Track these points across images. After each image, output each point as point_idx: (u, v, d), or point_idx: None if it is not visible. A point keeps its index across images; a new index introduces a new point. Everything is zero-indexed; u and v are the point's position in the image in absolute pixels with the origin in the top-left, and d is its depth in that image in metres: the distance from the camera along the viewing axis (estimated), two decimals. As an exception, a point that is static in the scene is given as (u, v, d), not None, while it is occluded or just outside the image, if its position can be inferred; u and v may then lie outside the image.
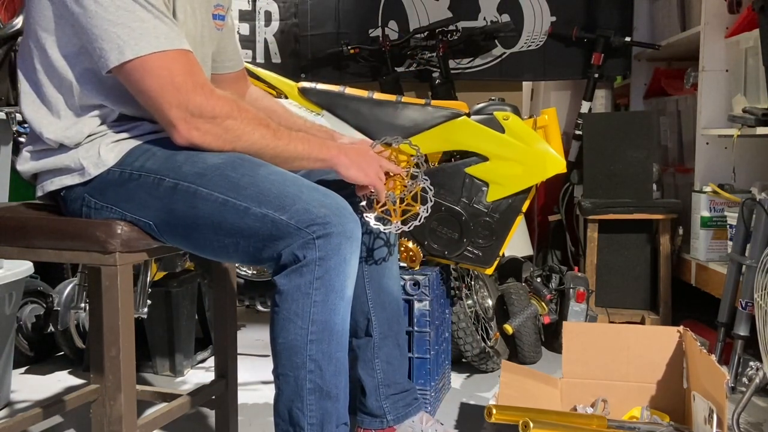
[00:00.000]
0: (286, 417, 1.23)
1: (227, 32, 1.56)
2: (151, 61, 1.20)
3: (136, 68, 1.21)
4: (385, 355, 1.62)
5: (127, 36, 1.19)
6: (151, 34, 1.20)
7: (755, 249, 1.95)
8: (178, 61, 1.22)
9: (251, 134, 1.27)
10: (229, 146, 1.27)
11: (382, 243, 1.59)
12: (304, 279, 1.19)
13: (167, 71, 1.21)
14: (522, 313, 2.30)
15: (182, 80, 1.22)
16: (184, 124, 1.23)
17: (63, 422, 1.97)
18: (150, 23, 1.21)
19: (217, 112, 1.24)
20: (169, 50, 1.22)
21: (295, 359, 1.21)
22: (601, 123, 2.87)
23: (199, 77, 1.25)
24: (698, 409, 1.59)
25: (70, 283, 2.29)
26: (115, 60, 1.20)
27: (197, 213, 1.24)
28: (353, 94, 2.06)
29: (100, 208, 1.31)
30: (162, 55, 1.21)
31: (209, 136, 1.25)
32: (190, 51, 1.26)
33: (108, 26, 1.19)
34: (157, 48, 1.20)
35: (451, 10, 3.36)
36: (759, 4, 2.11)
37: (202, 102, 1.23)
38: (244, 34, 3.49)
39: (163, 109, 1.23)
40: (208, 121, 1.24)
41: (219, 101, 1.24)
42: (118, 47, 1.20)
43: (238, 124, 1.26)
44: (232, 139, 1.26)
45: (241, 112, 1.26)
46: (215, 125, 1.24)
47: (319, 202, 1.20)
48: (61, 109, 1.30)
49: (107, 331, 1.25)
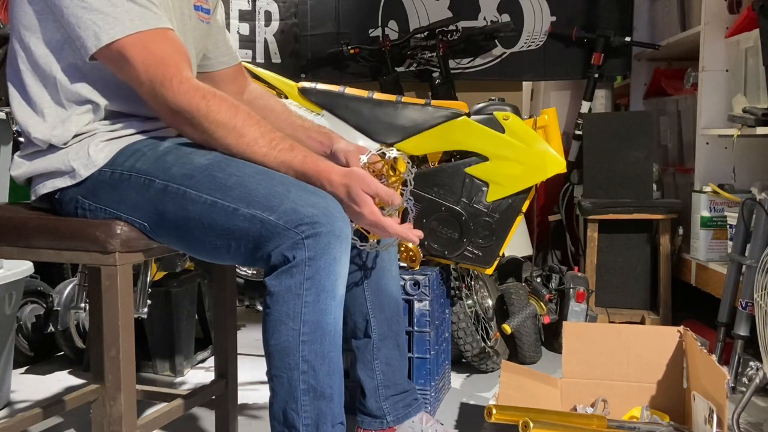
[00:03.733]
0: (281, 418, 1.23)
1: (216, 27, 1.55)
2: (127, 47, 1.21)
3: (114, 54, 1.22)
4: (385, 356, 1.61)
5: (102, 21, 1.21)
6: (125, 17, 1.21)
7: (755, 249, 1.95)
8: (152, 45, 1.23)
9: (223, 139, 1.25)
10: (203, 141, 1.26)
11: None
12: (294, 280, 1.18)
13: (141, 61, 1.22)
14: (520, 313, 2.30)
15: (153, 70, 1.21)
16: (163, 113, 1.25)
17: (63, 422, 1.97)
18: (123, 7, 1.22)
19: (183, 109, 1.22)
20: (144, 31, 1.22)
21: (287, 360, 1.21)
22: (601, 123, 2.87)
23: (170, 66, 1.23)
24: (698, 409, 1.59)
25: (70, 283, 2.29)
26: (92, 46, 1.22)
27: (187, 215, 1.24)
28: (353, 94, 2.06)
29: (94, 210, 1.31)
30: (137, 37, 1.22)
31: (186, 128, 1.25)
32: (169, 28, 1.26)
33: (83, 13, 1.21)
34: (132, 30, 1.21)
35: (451, 10, 3.36)
36: (759, 4, 2.11)
37: (168, 96, 1.21)
38: (244, 34, 3.49)
39: (145, 98, 1.25)
40: (183, 115, 1.23)
41: (184, 97, 1.21)
42: (94, 33, 1.21)
43: (206, 124, 1.23)
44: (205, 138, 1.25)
45: (210, 110, 1.23)
46: (185, 121, 1.24)
47: (307, 201, 1.19)
48: (46, 107, 1.29)
49: (107, 331, 1.25)
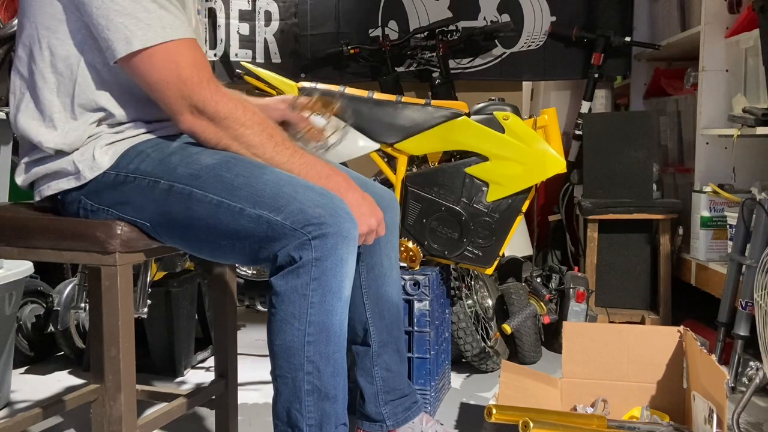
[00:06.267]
0: (285, 418, 1.23)
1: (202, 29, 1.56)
2: (158, 52, 1.21)
3: (143, 60, 1.21)
4: (384, 363, 1.60)
5: (134, 26, 1.20)
6: (158, 24, 1.21)
7: (755, 249, 1.95)
8: (184, 51, 1.23)
9: (250, 138, 1.26)
10: (223, 145, 1.27)
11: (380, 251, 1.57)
12: (300, 280, 1.18)
13: (174, 63, 1.22)
14: (520, 313, 2.30)
15: (188, 73, 1.22)
16: (187, 117, 1.25)
17: (63, 422, 1.97)
18: (156, 13, 1.21)
19: (219, 111, 1.24)
20: (175, 39, 1.22)
21: (292, 361, 1.20)
22: (601, 123, 2.87)
23: (204, 70, 1.25)
24: (698, 409, 1.59)
25: (70, 283, 2.29)
26: (122, 50, 1.21)
27: (193, 215, 1.24)
28: (353, 94, 2.06)
29: (96, 211, 1.31)
30: (169, 45, 1.21)
31: (208, 132, 1.26)
32: (195, 39, 1.27)
33: (114, 16, 1.20)
34: (164, 38, 1.21)
35: (451, 10, 3.36)
36: (759, 4, 2.11)
37: (206, 97, 1.23)
38: (244, 34, 3.49)
39: (170, 101, 1.24)
40: (209, 117, 1.24)
41: (222, 99, 1.24)
42: (125, 38, 1.20)
43: (238, 126, 1.25)
44: (229, 140, 1.26)
45: (246, 114, 1.26)
46: (215, 123, 1.25)
47: (314, 202, 1.19)
48: (55, 112, 1.28)
49: (107, 331, 1.25)
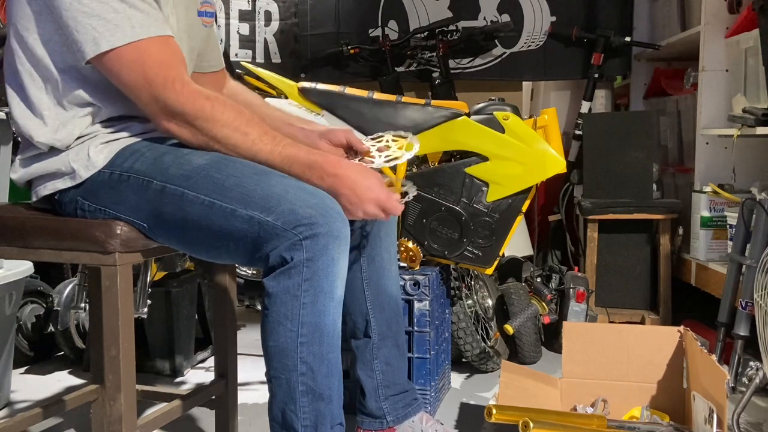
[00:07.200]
0: (280, 420, 1.23)
1: (213, 32, 1.55)
2: (127, 52, 1.20)
3: (112, 61, 1.21)
4: (384, 356, 1.61)
5: (102, 27, 1.19)
6: (126, 24, 1.20)
7: (755, 249, 1.95)
8: (153, 50, 1.22)
9: (227, 136, 1.24)
10: (202, 145, 1.26)
11: (380, 244, 1.58)
12: (292, 281, 1.18)
13: (140, 64, 1.21)
14: (522, 313, 2.30)
15: (153, 73, 1.21)
16: (162, 119, 1.25)
17: (63, 422, 1.96)
18: (124, 13, 1.20)
19: (186, 112, 1.22)
20: (145, 39, 1.21)
21: (286, 362, 1.20)
22: (601, 123, 2.87)
23: (171, 69, 1.23)
24: (698, 409, 1.59)
25: (70, 283, 2.29)
26: (90, 52, 1.20)
27: (186, 216, 1.24)
28: (353, 94, 2.06)
29: (93, 210, 1.31)
30: (138, 44, 1.21)
31: (185, 134, 1.26)
32: (169, 35, 1.26)
33: (82, 18, 1.19)
34: (132, 38, 1.20)
35: (451, 10, 3.36)
36: (759, 4, 2.11)
37: (170, 99, 1.22)
38: (244, 34, 3.49)
39: (143, 103, 1.25)
40: (180, 119, 1.23)
41: (188, 99, 1.22)
42: (93, 39, 1.20)
43: (211, 125, 1.23)
44: (207, 139, 1.25)
45: (216, 110, 1.23)
46: (188, 124, 1.24)
47: (305, 202, 1.18)
48: (45, 109, 1.29)
49: (107, 331, 1.25)
